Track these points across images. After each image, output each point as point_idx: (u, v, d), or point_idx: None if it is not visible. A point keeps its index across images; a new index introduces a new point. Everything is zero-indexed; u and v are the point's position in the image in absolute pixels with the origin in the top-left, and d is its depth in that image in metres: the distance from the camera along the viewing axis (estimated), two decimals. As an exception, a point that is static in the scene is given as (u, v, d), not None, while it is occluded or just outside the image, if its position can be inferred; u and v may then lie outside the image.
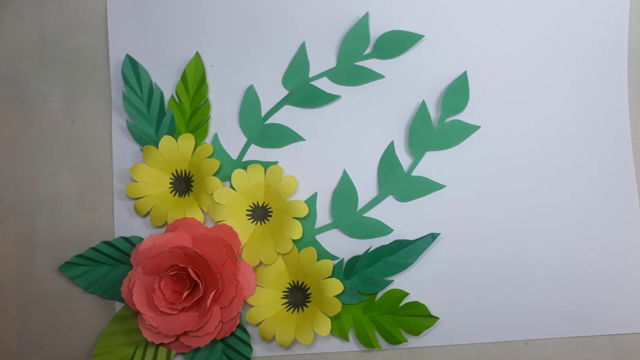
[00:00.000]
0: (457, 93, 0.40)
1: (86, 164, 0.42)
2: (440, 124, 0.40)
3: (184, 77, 0.41)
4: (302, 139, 0.41)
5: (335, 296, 0.39)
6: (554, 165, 0.40)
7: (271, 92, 0.41)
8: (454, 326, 0.40)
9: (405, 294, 0.40)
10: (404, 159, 0.41)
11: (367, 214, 0.40)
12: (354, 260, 0.40)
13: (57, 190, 0.42)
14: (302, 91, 0.41)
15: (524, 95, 0.41)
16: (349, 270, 0.40)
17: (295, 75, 0.41)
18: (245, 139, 0.41)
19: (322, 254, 0.40)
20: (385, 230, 0.40)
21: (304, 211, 0.40)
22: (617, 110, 0.41)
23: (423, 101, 0.40)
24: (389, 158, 0.40)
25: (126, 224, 0.41)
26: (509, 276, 0.40)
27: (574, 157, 0.40)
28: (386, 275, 0.40)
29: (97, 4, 0.42)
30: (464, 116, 0.40)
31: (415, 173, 0.40)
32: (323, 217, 0.41)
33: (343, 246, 0.40)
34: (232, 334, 0.39)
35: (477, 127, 0.40)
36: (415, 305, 0.40)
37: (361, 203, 0.41)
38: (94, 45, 0.42)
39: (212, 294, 0.37)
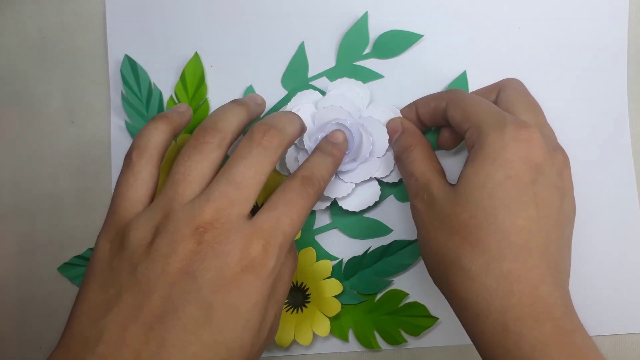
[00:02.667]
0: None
1: (86, 164, 0.42)
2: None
3: (182, 78, 0.41)
4: (301, 139, 0.41)
5: (335, 297, 0.39)
6: (554, 166, 0.40)
7: (270, 92, 0.41)
8: (454, 326, 0.40)
9: (405, 295, 0.40)
10: (404, 160, 0.40)
11: (367, 214, 0.40)
12: (354, 260, 0.40)
13: (57, 190, 0.42)
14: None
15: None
16: (348, 270, 0.40)
17: (295, 75, 0.41)
18: (244, 139, 0.41)
19: (322, 254, 0.40)
20: (385, 230, 0.40)
21: (303, 211, 0.40)
22: (617, 110, 0.41)
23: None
24: (388, 158, 0.41)
25: (125, 225, 0.41)
26: (509, 276, 0.40)
27: (574, 158, 0.40)
28: (386, 276, 0.40)
29: (96, 4, 0.42)
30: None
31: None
32: (322, 217, 0.41)
33: (342, 246, 0.40)
34: (232, 334, 0.39)
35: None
36: (415, 305, 0.40)
37: (360, 203, 0.40)
38: (93, 45, 0.42)
39: (211, 294, 0.37)
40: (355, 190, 0.39)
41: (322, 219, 0.41)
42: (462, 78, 0.40)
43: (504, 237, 0.29)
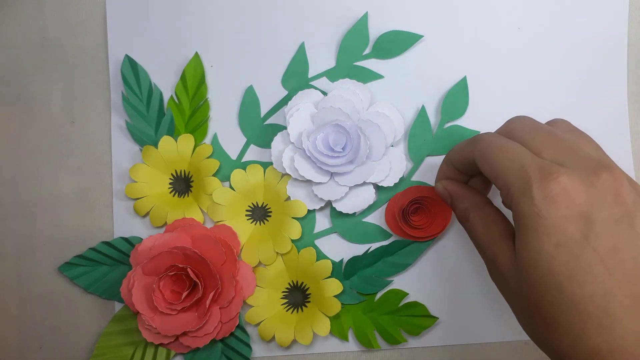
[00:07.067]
0: (456, 98, 0.40)
1: (86, 164, 0.42)
2: (439, 129, 0.40)
3: (183, 78, 0.41)
4: (301, 139, 0.41)
5: (335, 296, 0.39)
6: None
7: (270, 93, 0.41)
8: (454, 326, 0.40)
9: (405, 294, 0.40)
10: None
11: (366, 219, 0.40)
12: (354, 260, 0.40)
13: (57, 190, 0.42)
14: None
15: (523, 96, 0.41)
16: (348, 270, 0.40)
17: (295, 75, 0.41)
18: (244, 139, 0.41)
19: (321, 258, 0.40)
20: (384, 235, 0.40)
21: (302, 211, 0.40)
22: (617, 110, 0.41)
23: (423, 106, 0.40)
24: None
25: (125, 225, 0.41)
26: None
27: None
28: (386, 276, 0.40)
29: (96, 4, 0.42)
30: (464, 121, 0.40)
31: (414, 178, 0.40)
32: (322, 221, 0.41)
33: (342, 251, 0.40)
34: (232, 334, 0.40)
35: (476, 132, 0.40)
36: (415, 305, 0.40)
37: (360, 205, 0.41)
38: (93, 45, 0.42)
39: (212, 294, 0.37)
40: (350, 193, 0.39)
41: (322, 224, 0.41)
42: (462, 83, 0.40)
43: (580, 310, 0.25)
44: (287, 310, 0.40)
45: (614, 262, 0.25)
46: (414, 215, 0.39)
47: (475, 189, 0.35)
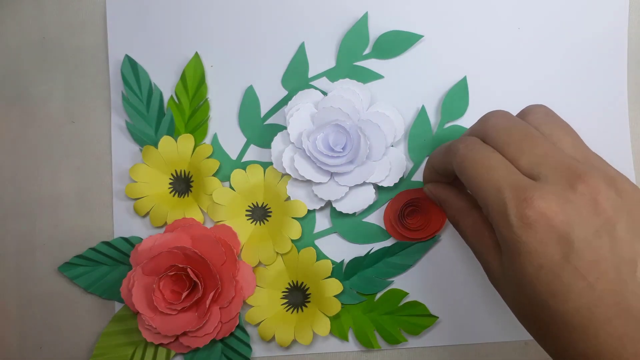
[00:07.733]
0: (456, 98, 0.40)
1: (86, 164, 0.42)
2: (439, 129, 0.40)
3: (183, 78, 0.41)
4: (301, 139, 0.41)
5: (335, 296, 0.39)
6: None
7: (271, 93, 0.41)
8: (454, 326, 0.40)
9: (405, 294, 0.40)
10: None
11: (366, 219, 0.40)
12: (355, 261, 0.40)
13: (57, 190, 0.42)
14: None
15: (523, 96, 0.41)
16: (349, 271, 0.40)
17: (295, 75, 0.41)
18: (244, 139, 0.41)
19: (321, 258, 0.40)
20: (384, 235, 0.40)
21: (302, 211, 0.40)
22: (617, 110, 0.41)
23: (423, 106, 0.40)
24: (388, 161, 0.41)
25: (125, 225, 0.41)
26: (509, 276, 0.40)
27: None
28: (386, 276, 0.40)
29: (96, 4, 0.42)
30: (464, 121, 0.40)
31: (415, 178, 0.40)
32: (322, 221, 0.41)
33: (342, 251, 0.40)
34: (232, 334, 0.40)
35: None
36: (415, 305, 0.40)
37: (360, 205, 0.41)
38: (94, 45, 0.42)
39: (212, 294, 0.37)
40: (350, 193, 0.39)
41: (322, 224, 0.41)
42: (462, 83, 0.40)
43: (566, 322, 0.26)
44: (287, 310, 0.40)
45: (596, 275, 0.26)
46: (410, 218, 0.39)
47: (461, 190, 0.35)
